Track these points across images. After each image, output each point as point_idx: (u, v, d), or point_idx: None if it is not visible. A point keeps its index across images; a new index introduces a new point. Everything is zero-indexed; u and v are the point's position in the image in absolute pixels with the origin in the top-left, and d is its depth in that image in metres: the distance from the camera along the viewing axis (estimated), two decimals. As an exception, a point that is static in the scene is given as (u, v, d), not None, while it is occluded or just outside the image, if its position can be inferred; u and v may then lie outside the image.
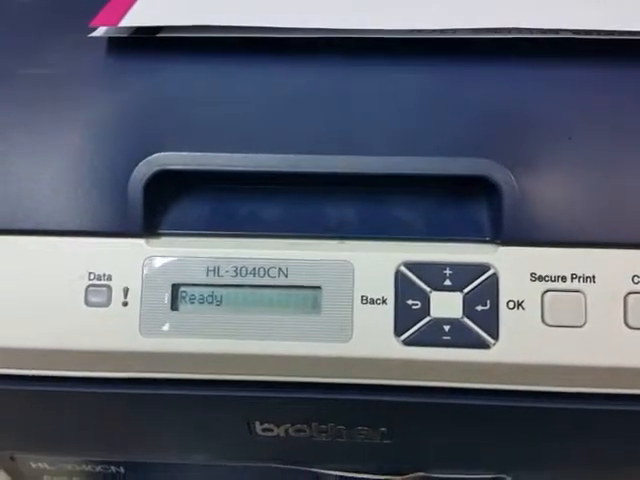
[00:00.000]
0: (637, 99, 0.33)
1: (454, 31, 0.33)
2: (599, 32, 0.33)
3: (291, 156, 0.31)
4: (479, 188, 0.32)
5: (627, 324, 0.30)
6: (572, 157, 0.32)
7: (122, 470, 0.43)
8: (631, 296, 0.30)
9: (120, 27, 0.33)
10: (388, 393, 0.32)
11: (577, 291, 0.30)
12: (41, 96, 0.34)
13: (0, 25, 0.38)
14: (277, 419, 0.35)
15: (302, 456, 0.39)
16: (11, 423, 0.37)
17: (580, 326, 0.30)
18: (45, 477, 0.44)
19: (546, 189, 0.31)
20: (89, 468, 0.43)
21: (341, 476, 0.41)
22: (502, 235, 0.31)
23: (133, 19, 0.33)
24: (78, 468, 0.43)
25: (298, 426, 0.35)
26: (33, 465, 0.43)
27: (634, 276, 0.30)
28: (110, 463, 0.43)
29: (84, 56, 0.35)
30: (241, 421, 0.35)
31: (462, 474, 0.39)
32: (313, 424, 0.35)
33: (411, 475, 0.40)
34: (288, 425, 0.35)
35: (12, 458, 0.42)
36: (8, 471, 0.44)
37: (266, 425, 0.35)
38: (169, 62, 0.34)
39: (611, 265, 0.31)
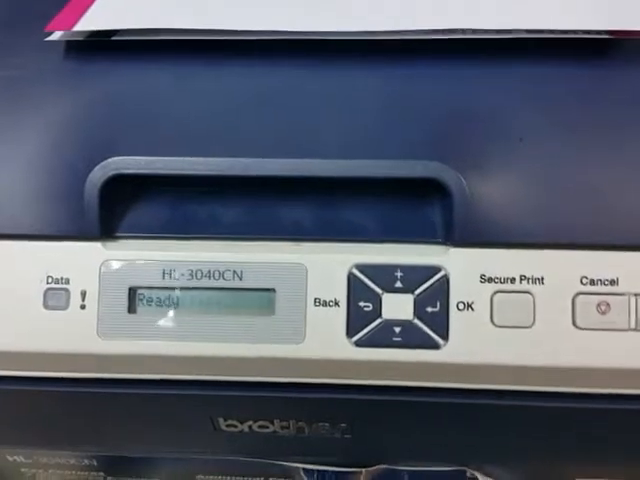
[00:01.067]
0: (586, 100, 0.33)
1: (406, 32, 0.33)
2: (552, 32, 0.33)
3: (243, 159, 0.32)
4: (430, 190, 0.32)
5: (575, 325, 0.31)
6: (521, 159, 0.32)
7: (95, 463, 0.44)
8: (579, 297, 0.31)
9: (75, 31, 0.33)
10: (342, 391, 0.33)
11: (526, 292, 0.31)
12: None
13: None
14: (240, 416, 0.36)
15: (268, 450, 0.40)
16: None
17: (529, 327, 0.31)
18: (22, 469, 0.45)
19: (496, 191, 0.32)
20: (63, 461, 0.44)
21: (306, 469, 0.42)
22: (453, 237, 0.31)
23: (87, 23, 0.34)
24: (52, 461, 0.44)
25: (261, 422, 0.36)
26: (9, 458, 0.44)
27: (582, 277, 0.31)
28: (83, 456, 0.44)
29: (41, 59, 0.35)
30: (204, 418, 0.36)
31: (424, 466, 0.40)
32: (275, 420, 0.36)
33: (374, 467, 0.41)
34: (251, 422, 0.36)
35: (-13, 452, 0.43)
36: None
37: (230, 422, 0.36)
38: (124, 65, 0.35)
39: (559, 266, 0.31)
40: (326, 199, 0.33)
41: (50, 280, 0.32)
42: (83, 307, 0.32)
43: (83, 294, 0.32)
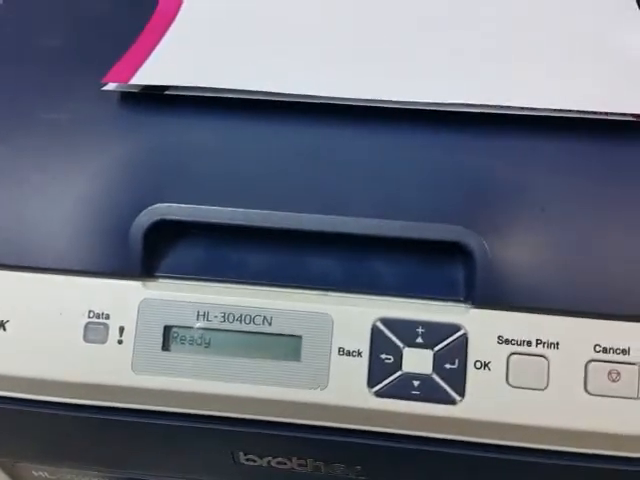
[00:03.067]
0: (605, 175, 0.35)
1: (436, 104, 0.35)
2: (577, 112, 0.34)
3: (279, 213, 0.34)
4: (454, 252, 0.34)
5: (587, 390, 0.32)
6: (542, 228, 0.34)
7: (116, 483, 0.46)
8: (592, 364, 0.32)
9: (130, 84, 0.36)
10: (360, 437, 0.35)
11: (541, 356, 0.32)
12: (54, 140, 0.37)
13: (22, 65, 0.41)
14: (259, 452, 0.37)
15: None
16: (16, 437, 0.40)
17: (542, 389, 0.32)
18: (45, 484, 0.47)
19: (517, 257, 0.33)
20: (87, 479, 0.46)
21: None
22: (473, 297, 0.33)
23: (142, 78, 0.36)
24: (76, 479, 0.46)
25: (279, 459, 0.38)
26: (35, 474, 0.46)
27: (595, 345, 0.32)
28: (107, 475, 0.46)
29: (95, 105, 0.37)
30: (225, 451, 0.38)
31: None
32: (293, 458, 0.37)
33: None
34: (270, 457, 0.38)
35: (14, 465, 0.45)
36: (10, 475, 0.47)
37: (249, 456, 0.38)
38: (174, 117, 0.37)
39: (574, 333, 0.32)
40: (355, 254, 0.35)
41: (91, 315, 0.34)
42: (120, 342, 0.34)
43: (121, 330, 0.34)
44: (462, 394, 0.32)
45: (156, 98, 0.37)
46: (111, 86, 0.36)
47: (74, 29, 0.42)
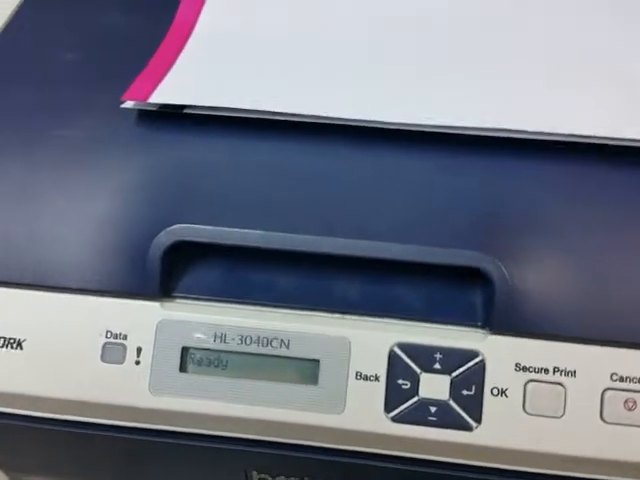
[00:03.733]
0: (627, 202, 0.35)
1: (456, 127, 0.35)
2: (593, 137, 0.35)
3: (298, 236, 0.34)
4: (473, 277, 0.34)
5: (602, 418, 0.32)
6: (561, 254, 0.34)
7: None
8: (608, 392, 0.32)
9: (149, 102, 0.36)
10: (376, 460, 0.35)
11: (558, 384, 0.32)
12: (73, 159, 0.37)
13: (40, 81, 0.40)
14: (273, 471, 0.38)
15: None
16: (31, 453, 0.40)
17: (558, 417, 0.32)
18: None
19: (536, 284, 0.33)
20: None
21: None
22: (492, 323, 0.33)
23: (161, 96, 0.36)
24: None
25: (292, 479, 0.38)
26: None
27: (612, 374, 0.32)
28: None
29: (113, 122, 0.37)
30: (239, 469, 0.38)
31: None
32: (305, 478, 0.38)
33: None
34: (283, 477, 0.38)
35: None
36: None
37: (262, 475, 0.38)
38: (193, 136, 0.37)
39: (592, 361, 0.33)
40: (373, 277, 0.35)
41: (109, 335, 0.34)
42: (138, 363, 0.34)
43: (139, 350, 0.34)
44: (479, 420, 0.33)
45: (174, 116, 0.37)
46: (129, 104, 0.36)
47: (92, 44, 0.42)
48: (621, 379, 0.32)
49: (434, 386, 0.33)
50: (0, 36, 0.43)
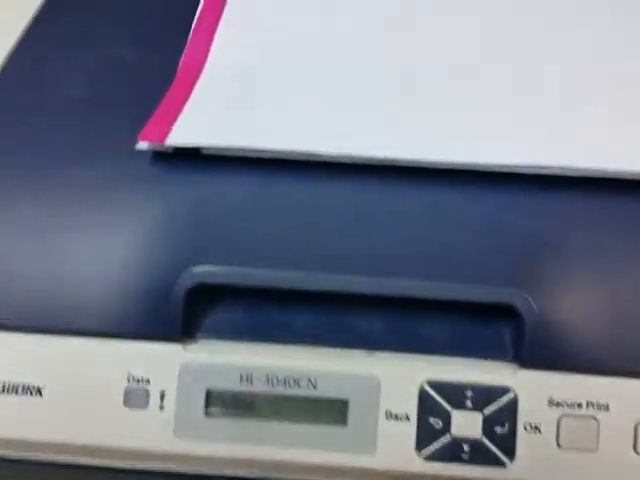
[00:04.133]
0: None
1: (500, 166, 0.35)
2: (622, 173, 0.34)
3: (323, 275, 0.33)
4: (502, 312, 0.33)
5: (636, 451, 0.32)
6: (591, 287, 0.33)
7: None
8: (642, 425, 0.32)
9: (165, 145, 0.35)
10: (408, 498, 0.34)
11: (592, 418, 0.32)
12: (90, 200, 0.36)
13: (50, 121, 0.39)
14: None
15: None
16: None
17: (592, 451, 0.32)
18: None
19: (566, 317, 0.33)
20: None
21: None
22: (523, 358, 0.33)
23: (178, 137, 0.35)
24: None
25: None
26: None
27: (645, 406, 0.32)
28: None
29: (130, 163, 0.36)
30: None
31: None
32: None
33: None
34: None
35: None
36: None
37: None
38: (210, 176, 0.36)
39: (624, 394, 0.32)
40: (400, 313, 0.34)
41: (131, 379, 0.33)
42: (162, 408, 0.33)
43: (162, 394, 0.33)
44: (512, 457, 0.32)
45: (191, 155, 0.36)
46: (144, 145, 0.35)
47: (103, 81, 0.41)
48: (654, 412, 0.32)
49: (466, 423, 0.32)
50: (3, 70, 0.42)
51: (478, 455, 0.32)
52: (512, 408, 0.32)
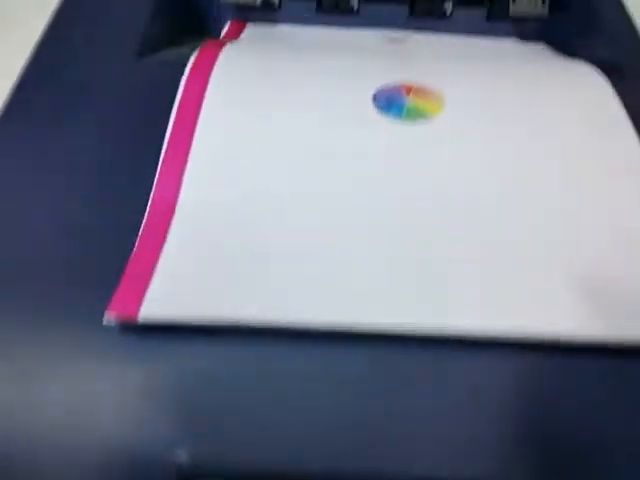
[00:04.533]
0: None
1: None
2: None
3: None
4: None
5: None
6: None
7: None
8: None
9: (138, 320, 0.31)
10: None
11: None
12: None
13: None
14: None
15: None
16: None
17: None
18: None
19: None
20: None
21: None
22: None
23: (152, 312, 0.31)
24: None
25: None
26: None
27: None
28: None
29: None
30: None
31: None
32: None
33: None
34: None
35: None
36: None
37: None
38: (186, 346, 0.32)
39: None
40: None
41: None
42: None
43: None
44: None
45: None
46: (113, 320, 0.32)
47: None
48: None
49: None
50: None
51: None
52: None
